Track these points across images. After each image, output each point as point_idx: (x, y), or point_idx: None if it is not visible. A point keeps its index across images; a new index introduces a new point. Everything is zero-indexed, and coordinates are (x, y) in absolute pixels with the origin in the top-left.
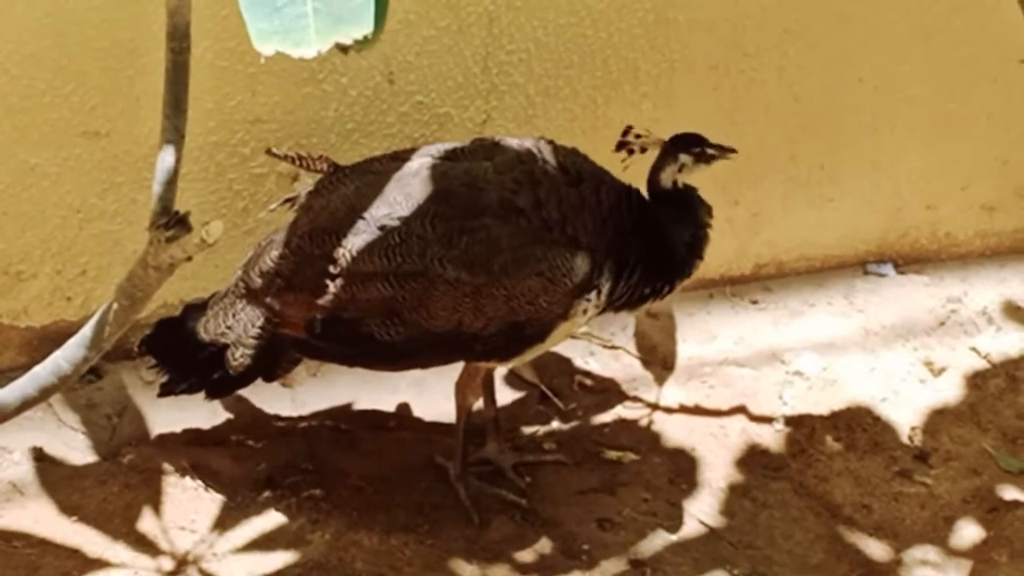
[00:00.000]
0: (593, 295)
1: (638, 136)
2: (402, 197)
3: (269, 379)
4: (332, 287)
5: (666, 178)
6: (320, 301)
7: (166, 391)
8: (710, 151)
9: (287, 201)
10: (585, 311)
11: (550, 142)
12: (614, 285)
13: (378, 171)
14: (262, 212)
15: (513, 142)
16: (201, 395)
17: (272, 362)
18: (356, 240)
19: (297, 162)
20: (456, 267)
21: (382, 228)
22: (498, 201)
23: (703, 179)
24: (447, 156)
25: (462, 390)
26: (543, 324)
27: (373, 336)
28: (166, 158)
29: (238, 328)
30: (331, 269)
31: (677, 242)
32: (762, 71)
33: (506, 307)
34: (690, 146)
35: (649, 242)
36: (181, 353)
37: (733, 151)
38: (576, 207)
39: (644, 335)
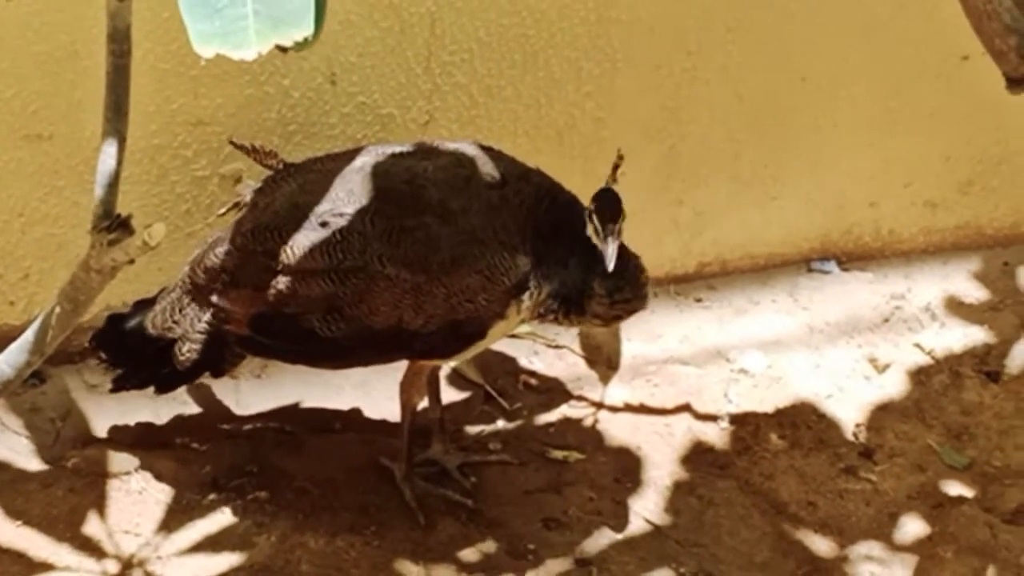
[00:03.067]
0: (527, 296)
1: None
2: (344, 194)
3: (216, 375)
4: (274, 283)
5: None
6: (262, 297)
7: (118, 386)
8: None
9: (235, 206)
10: (519, 311)
11: (483, 147)
12: (547, 287)
13: (321, 169)
14: (209, 218)
15: (449, 145)
16: (148, 396)
17: (218, 357)
18: (298, 237)
19: (253, 155)
20: (396, 264)
21: (324, 225)
22: (438, 200)
23: (645, 178)
24: (390, 156)
25: (407, 389)
26: (481, 322)
27: (315, 332)
28: (107, 161)
29: (185, 323)
30: (273, 265)
31: (570, 278)
32: (705, 70)
33: (445, 305)
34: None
35: (566, 256)
36: (130, 348)
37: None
38: (496, 208)
39: (588, 334)
